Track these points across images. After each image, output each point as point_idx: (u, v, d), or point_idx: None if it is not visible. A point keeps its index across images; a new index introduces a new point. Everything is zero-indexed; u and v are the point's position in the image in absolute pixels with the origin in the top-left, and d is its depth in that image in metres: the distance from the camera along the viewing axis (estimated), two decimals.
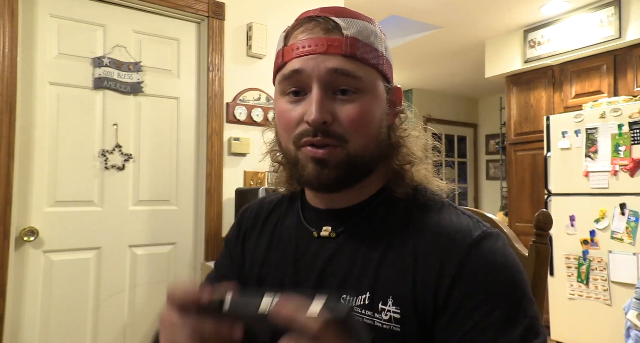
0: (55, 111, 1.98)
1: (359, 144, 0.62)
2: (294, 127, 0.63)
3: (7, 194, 1.81)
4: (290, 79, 0.63)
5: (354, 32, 0.62)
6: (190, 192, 2.31)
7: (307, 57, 0.61)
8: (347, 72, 0.61)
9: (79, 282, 2.01)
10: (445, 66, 4.84)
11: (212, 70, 2.31)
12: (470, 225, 0.62)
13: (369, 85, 0.63)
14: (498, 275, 0.58)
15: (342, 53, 0.61)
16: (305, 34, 0.63)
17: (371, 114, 0.63)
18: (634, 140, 2.72)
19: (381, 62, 0.65)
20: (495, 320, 0.55)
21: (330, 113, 0.60)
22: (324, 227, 0.68)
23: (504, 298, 0.56)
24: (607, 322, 2.78)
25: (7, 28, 1.83)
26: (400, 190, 0.67)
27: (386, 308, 0.59)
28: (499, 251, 0.60)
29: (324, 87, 0.61)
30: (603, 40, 3.28)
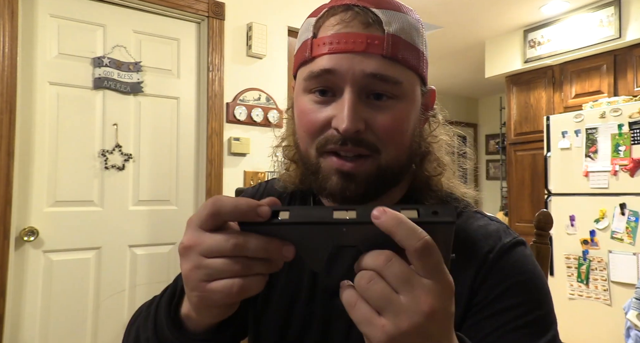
0: (55, 111, 1.98)
1: (392, 155, 0.56)
2: (318, 132, 0.56)
3: (7, 194, 1.81)
4: (319, 78, 0.55)
5: (397, 29, 0.55)
6: (190, 192, 2.31)
7: (341, 55, 0.54)
8: (387, 77, 0.54)
9: (79, 282, 2.01)
10: (445, 66, 4.84)
11: (212, 70, 2.31)
12: (501, 231, 0.60)
13: (407, 90, 0.57)
14: (530, 281, 0.56)
15: (383, 53, 0.54)
16: (341, 26, 0.55)
17: (407, 123, 0.57)
18: (634, 140, 2.72)
19: (422, 63, 0.60)
20: (525, 325, 0.53)
21: (363, 120, 0.54)
22: None
23: (533, 305, 0.55)
24: (607, 322, 2.78)
25: (7, 28, 1.83)
26: (426, 200, 0.62)
27: None
28: (529, 258, 0.59)
29: (358, 90, 0.54)
30: (603, 40, 3.28)
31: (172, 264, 2.25)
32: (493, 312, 0.54)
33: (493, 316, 0.54)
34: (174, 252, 2.26)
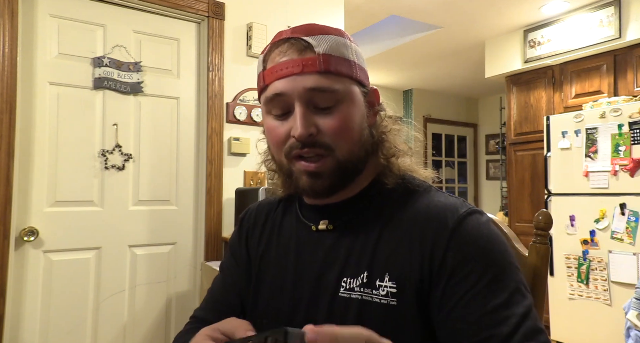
0: (55, 111, 1.98)
1: (346, 150, 0.67)
2: (282, 143, 0.68)
3: (7, 194, 1.81)
4: (274, 101, 0.67)
5: (326, 48, 0.66)
6: (190, 192, 2.31)
7: (286, 78, 0.65)
8: (324, 88, 0.65)
9: (79, 282, 2.01)
10: (445, 66, 4.83)
11: (212, 70, 2.31)
12: (458, 203, 0.68)
13: (346, 95, 0.67)
14: (485, 245, 0.63)
15: (317, 70, 0.65)
16: (282, 56, 0.66)
17: (351, 121, 0.67)
18: (634, 140, 2.72)
19: (354, 70, 0.69)
20: (485, 286, 0.60)
21: (314, 126, 0.65)
22: (321, 221, 0.73)
23: (491, 265, 0.61)
24: (607, 322, 2.78)
25: (7, 28, 1.83)
26: (390, 181, 0.71)
27: (383, 284, 0.64)
28: (484, 225, 0.65)
29: (305, 103, 0.65)
30: (603, 40, 3.28)
31: (172, 264, 2.25)
32: (456, 280, 0.61)
33: (456, 284, 0.61)
34: (174, 252, 2.26)
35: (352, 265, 0.67)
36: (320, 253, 0.71)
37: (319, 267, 0.70)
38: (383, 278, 0.64)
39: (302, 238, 0.75)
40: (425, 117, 5.77)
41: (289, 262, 0.74)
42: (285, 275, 0.74)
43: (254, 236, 0.83)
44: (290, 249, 0.75)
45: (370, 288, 0.64)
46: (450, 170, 6.09)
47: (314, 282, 0.70)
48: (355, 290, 0.65)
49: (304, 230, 0.75)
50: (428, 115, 5.79)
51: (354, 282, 0.66)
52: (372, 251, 0.67)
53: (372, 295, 0.64)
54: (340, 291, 0.66)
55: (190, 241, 2.30)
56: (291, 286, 0.72)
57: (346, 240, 0.70)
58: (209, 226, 2.28)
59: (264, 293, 0.75)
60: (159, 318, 2.20)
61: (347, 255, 0.68)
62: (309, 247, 0.73)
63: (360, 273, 0.66)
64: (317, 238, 0.72)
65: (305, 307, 0.69)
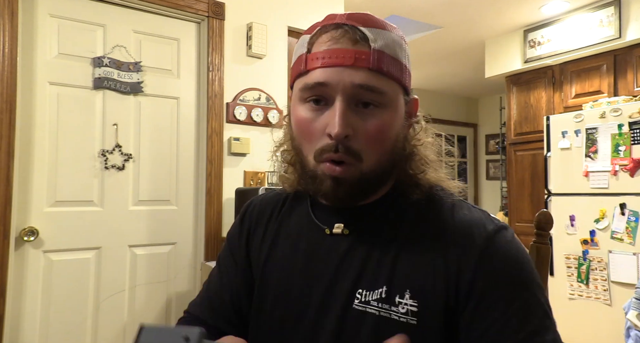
0: (55, 111, 1.98)
1: (373, 161, 0.63)
2: (316, 139, 0.63)
3: (7, 194, 1.81)
4: (313, 89, 0.62)
5: (382, 45, 0.61)
6: (190, 192, 2.31)
7: (332, 68, 0.61)
8: (373, 88, 0.61)
9: (79, 282, 2.01)
10: (445, 66, 4.84)
11: (212, 70, 2.31)
12: (484, 219, 0.65)
13: (391, 100, 0.63)
14: (514, 267, 0.60)
15: (369, 67, 0.60)
16: (332, 42, 0.61)
17: (390, 129, 0.64)
18: (634, 140, 2.72)
19: (404, 75, 0.65)
20: (516, 311, 0.58)
21: (351, 126, 0.61)
22: (335, 224, 0.69)
23: (521, 290, 0.59)
24: (607, 322, 2.78)
25: (7, 28, 1.83)
26: (411, 194, 0.68)
27: (403, 301, 0.61)
28: (513, 243, 0.63)
29: (347, 99, 0.61)
30: (603, 40, 3.28)
31: (172, 264, 2.25)
32: (487, 305, 0.59)
33: (488, 308, 0.58)
34: (174, 252, 2.26)
35: (369, 277, 0.63)
36: (333, 258, 0.67)
37: (332, 273, 0.66)
38: (403, 295, 0.61)
39: (312, 240, 0.70)
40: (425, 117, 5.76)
41: (296, 265, 0.70)
42: (292, 278, 0.69)
43: (257, 235, 0.77)
44: (299, 251, 0.70)
45: (389, 304, 0.61)
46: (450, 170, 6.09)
47: (325, 289, 0.65)
48: (371, 304, 0.62)
49: (316, 231, 0.70)
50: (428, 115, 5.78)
51: (370, 295, 0.62)
52: (392, 264, 0.63)
53: (390, 312, 0.61)
54: (355, 303, 0.62)
55: (190, 241, 2.30)
56: (298, 291, 0.68)
57: (362, 248, 0.66)
58: (209, 226, 2.28)
59: (269, 298, 0.71)
60: (159, 318, 2.20)
61: (363, 265, 0.64)
62: (321, 251, 0.68)
63: (378, 286, 0.62)
64: (331, 242, 0.68)
65: (313, 315, 0.65)
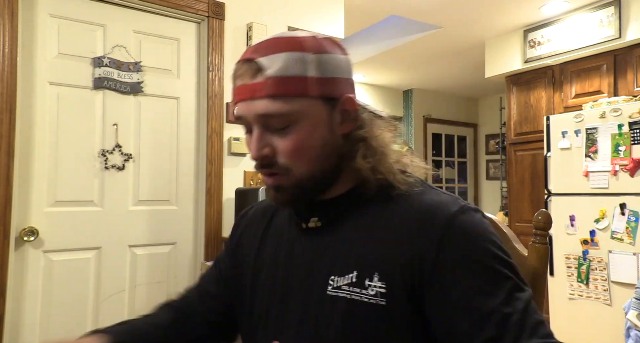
0: (55, 111, 1.98)
1: (303, 169, 0.67)
2: (253, 158, 0.70)
3: (7, 194, 1.81)
4: (239, 120, 0.70)
5: (275, 70, 0.64)
6: (190, 192, 2.31)
7: (242, 102, 0.67)
8: (273, 114, 0.65)
9: (79, 282, 2.01)
10: (445, 66, 4.83)
11: (212, 70, 2.31)
12: (450, 201, 0.67)
13: (299, 115, 0.66)
14: (478, 245, 0.62)
15: (266, 95, 0.64)
16: (238, 80, 0.68)
17: (310, 141, 0.67)
18: (634, 140, 2.72)
19: (311, 87, 0.66)
20: (481, 287, 0.59)
21: (269, 146, 0.67)
22: (311, 219, 0.73)
23: (485, 266, 0.61)
24: (607, 322, 2.78)
25: (7, 28, 1.83)
26: (372, 184, 0.70)
27: (372, 284, 0.64)
28: (477, 223, 0.65)
29: (260, 126, 0.67)
30: (603, 40, 3.28)
31: (172, 264, 2.25)
32: (451, 283, 0.61)
33: (452, 287, 0.60)
34: (174, 252, 2.26)
35: (340, 263, 0.67)
36: (309, 250, 0.72)
37: (308, 264, 0.71)
38: (372, 278, 0.64)
39: (292, 236, 0.75)
40: (425, 117, 5.77)
41: (279, 260, 0.75)
42: (276, 273, 0.74)
43: (249, 235, 0.84)
44: (282, 248, 0.76)
45: (360, 287, 0.64)
46: (450, 170, 6.09)
47: (303, 279, 0.70)
48: (343, 288, 0.65)
49: (295, 227, 0.75)
50: (428, 115, 5.79)
51: (342, 281, 0.66)
52: (362, 250, 0.67)
53: (360, 295, 0.64)
54: (328, 289, 0.66)
55: (190, 241, 2.30)
56: (281, 284, 0.73)
57: (334, 238, 0.70)
58: (209, 226, 2.28)
59: (259, 293, 0.76)
60: None
61: (335, 253, 0.69)
62: (298, 244, 0.74)
63: (349, 272, 0.66)
64: (307, 235, 0.73)
65: (295, 305, 0.70)
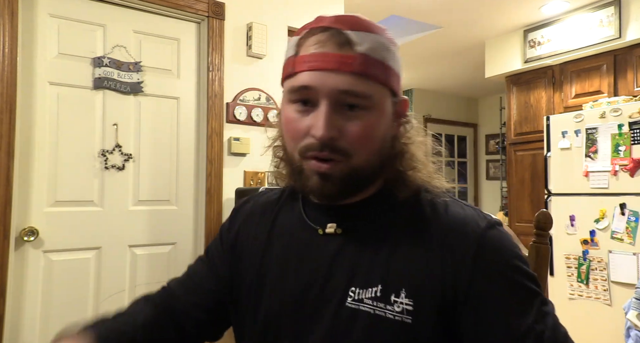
0: (55, 111, 1.98)
1: (362, 159, 0.64)
2: (300, 138, 0.64)
3: (7, 194, 1.81)
4: (299, 92, 0.63)
5: (367, 48, 0.62)
6: (190, 192, 2.31)
7: (317, 72, 0.61)
8: (356, 93, 0.61)
9: (79, 282, 2.01)
10: (445, 66, 4.83)
11: (212, 70, 2.31)
12: (476, 216, 0.66)
13: (376, 103, 0.63)
14: (510, 263, 0.62)
15: (353, 71, 0.61)
16: (318, 46, 0.62)
17: (376, 130, 0.64)
18: (634, 140, 2.72)
19: (390, 78, 0.65)
20: (515, 306, 0.59)
21: (337, 129, 0.61)
22: (328, 224, 0.69)
23: (517, 284, 0.60)
24: (607, 322, 2.78)
25: (7, 28, 1.83)
26: (403, 192, 0.68)
27: (399, 300, 0.61)
28: (505, 238, 0.64)
29: (332, 103, 0.62)
30: (603, 40, 3.28)
31: (172, 264, 2.25)
32: (486, 301, 0.60)
33: (487, 305, 0.60)
34: (174, 252, 2.26)
35: (362, 275, 0.64)
36: (326, 258, 0.67)
37: (325, 272, 0.66)
38: (399, 294, 0.61)
39: (305, 241, 0.71)
40: (425, 117, 5.77)
41: (290, 265, 0.70)
42: (287, 278, 0.70)
43: (249, 232, 0.79)
44: (292, 251, 0.71)
45: (384, 302, 0.61)
46: (450, 170, 6.09)
47: (319, 289, 0.66)
48: (365, 302, 0.62)
49: (308, 232, 0.71)
50: (428, 115, 5.79)
51: (364, 293, 0.63)
52: (386, 263, 0.63)
53: (385, 310, 0.61)
54: (348, 301, 0.63)
55: (190, 241, 2.30)
56: (293, 291, 0.68)
57: (355, 247, 0.66)
58: (209, 226, 2.28)
59: (266, 297, 0.72)
60: None
61: (356, 263, 0.65)
62: (313, 251, 0.69)
63: (373, 285, 0.63)
64: (323, 242, 0.69)
65: (309, 315, 0.66)
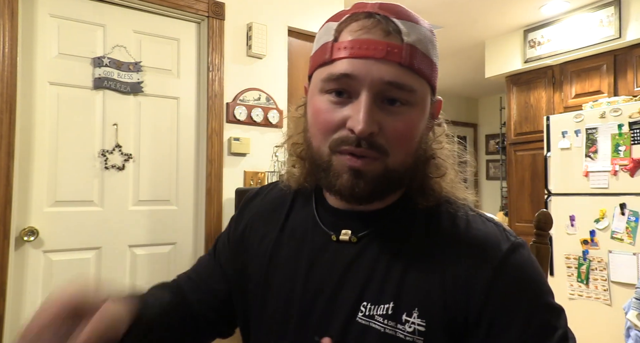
0: (55, 111, 1.98)
1: (399, 159, 0.59)
2: (332, 131, 0.59)
3: (7, 194, 1.81)
4: (337, 80, 0.58)
5: (414, 40, 0.57)
6: (190, 192, 2.31)
7: (361, 60, 0.56)
8: (403, 85, 0.57)
9: None
10: (445, 66, 4.83)
11: (212, 70, 2.31)
12: (498, 235, 0.61)
13: (420, 98, 0.59)
14: (530, 290, 0.58)
15: (400, 62, 0.56)
16: (362, 32, 0.57)
17: (416, 129, 0.60)
18: (634, 140, 2.72)
19: (434, 74, 0.62)
20: (531, 336, 0.55)
21: (377, 123, 0.56)
22: (343, 231, 0.65)
23: (536, 313, 0.56)
24: (607, 322, 2.78)
25: (7, 28, 1.83)
26: (425, 201, 0.64)
27: (411, 320, 0.57)
28: (528, 264, 0.60)
29: (374, 95, 0.57)
30: (603, 40, 3.28)
31: (172, 264, 2.25)
32: (499, 329, 0.56)
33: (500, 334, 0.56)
34: (174, 252, 2.26)
35: (375, 289, 0.60)
36: (339, 266, 0.63)
37: (337, 281, 0.62)
38: (411, 314, 0.57)
39: (317, 245, 0.66)
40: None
41: (300, 269, 0.66)
42: (295, 282, 0.65)
43: (257, 230, 0.74)
44: (303, 255, 0.66)
45: (395, 321, 0.57)
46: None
47: (329, 297, 0.62)
48: (376, 319, 0.58)
49: (321, 236, 0.66)
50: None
51: (375, 310, 0.59)
52: (400, 279, 0.59)
53: (396, 330, 0.57)
54: (359, 316, 0.59)
55: (190, 241, 2.30)
56: (300, 297, 0.64)
57: (369, 258, 0.62)
58: (209, 226, 2.28)
59: (272, 298, 0.68)
60: None
61: (369, 276, 0.61)
62: (325, 258, 0.64)
63: (384, 301, 0.59)
64: (336, 249, 0.64)
65: (315, 323, 0.62)
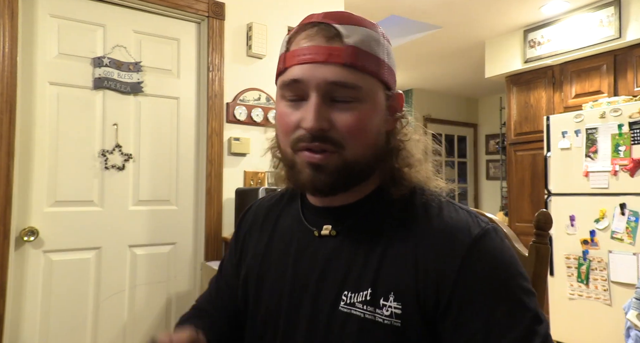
0: (55, 111, 1.98)
1: (356, 151, 0.63)
2: (291, 131, 0.64)
3: (7, 194, 1.81)
4: (290, 86, 0.63)
5: (355, 40, 0.62)
6: (190, 192, 2.31)
7: (307, 65, 0.61)
8: (346, 84, 0.61)
9: (79, 282, 2.01)
10: (445, 66, 4.83)
11: (212, 70, 2.31)
12: (469, 221, 0.64)
13: (367, 94, 0.63)
14: (499, 273, 0.60)
15: (342, 62, 0.61)
16: (307, 40, 0.63)
17: (368, 123, 0.64)
18: (634, 140, 2.72)
19: (382, 70, 0.65)
20: (500, 318, 0.57)
21: (327, 120, 0.61)
22: (324, 226, 0.69)
23: (505, 296, 0.58)
24: (607, 322, 2.78)
25: (7, 28, 1.83)
26: (399, 191, 0.67)
27: (387, 304, 0.61)
28: (498, 248, 0.62)
29: (322, 95, 0.62)
30: (603, 40, 3.28)
31: (172, 264, 2.25)
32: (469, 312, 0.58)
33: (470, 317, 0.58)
34: (174, 252, 2.26)
35: (354, 278, 0.64)
36: (321, 260, 0.68)
37: (319, 275, 0.67)
38: (388, 298, 0.61)
39: (302, 243, 0.71)
40: (425, 117, 5.77)
41: (288, 266, 0.71)
42: (284, 279, 0.71)
43: (253, 237, 0.81)
44: (291, 252, 0.72)
45: (374, 306, 0.62)
46: (450, 170, 6.09)
47: (313, 291, 0.67)
48: (356, 306, 0.63)
49: (305, 234, 0.71)
50: (428, 115, 5.79)
51: (355, 297, 0.63)
52: (377, 266, 0.63)
53: (375, 314, 0.61)
54: (341, 305, 0.64)
55: (190, 241, 2.30)
56: (289, 293, 0.69)
57: (349, 249, 0.66)
58: (209, 226, 2.28)
59: (265, 296, 0.73)
60: (159, 318, 2.20)
61: (348, 266, 0.65)
62: (309, 253, 0.70)
63: (363, 288, 0.63)
64: (319, 244, 0.69)
65: (305, 318, 0.67)
